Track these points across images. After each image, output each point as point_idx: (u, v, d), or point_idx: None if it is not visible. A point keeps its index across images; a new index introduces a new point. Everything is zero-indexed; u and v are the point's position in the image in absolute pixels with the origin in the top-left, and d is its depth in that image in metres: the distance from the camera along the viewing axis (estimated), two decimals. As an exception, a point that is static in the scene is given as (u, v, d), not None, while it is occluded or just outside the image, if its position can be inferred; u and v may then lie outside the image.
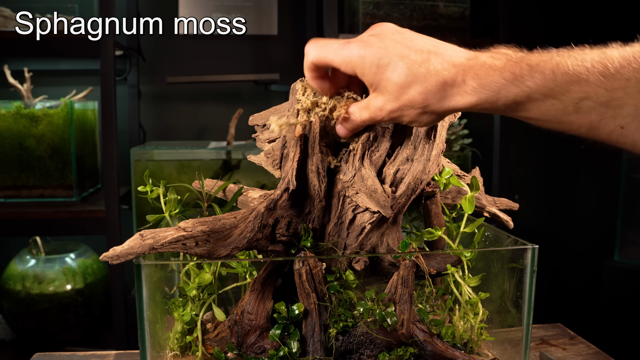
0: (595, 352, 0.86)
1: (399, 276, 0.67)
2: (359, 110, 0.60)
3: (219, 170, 1.84)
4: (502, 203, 0.85)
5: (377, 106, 0.57)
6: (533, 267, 0.68)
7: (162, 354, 0.71)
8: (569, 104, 0.50)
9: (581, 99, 0.49)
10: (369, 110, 0.59)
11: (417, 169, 0.68)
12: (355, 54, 0.56)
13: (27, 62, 1.96)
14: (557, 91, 0.50)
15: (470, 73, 0.53)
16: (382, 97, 0.57)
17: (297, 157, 0.65)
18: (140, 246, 0.58)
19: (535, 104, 0.51)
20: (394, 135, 0.70)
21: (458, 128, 2.07)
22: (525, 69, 0.51)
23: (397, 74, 0.54)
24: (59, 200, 1.76)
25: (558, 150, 2.40)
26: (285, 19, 2.22)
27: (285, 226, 0.67)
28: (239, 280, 0.75)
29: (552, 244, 2.38)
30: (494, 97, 0.52)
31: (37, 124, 1.72)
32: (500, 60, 0.52)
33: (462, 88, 0.53)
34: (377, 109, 0.58)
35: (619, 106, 0.48)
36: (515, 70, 0.51)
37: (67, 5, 1.79)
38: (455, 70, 0.53)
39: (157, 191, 0.78)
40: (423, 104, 0.55)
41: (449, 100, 0.54)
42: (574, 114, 0.50)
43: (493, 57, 0.53)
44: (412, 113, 0.56)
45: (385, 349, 0.68)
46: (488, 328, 0.76)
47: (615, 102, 0.48)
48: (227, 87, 2.20)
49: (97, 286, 1.93)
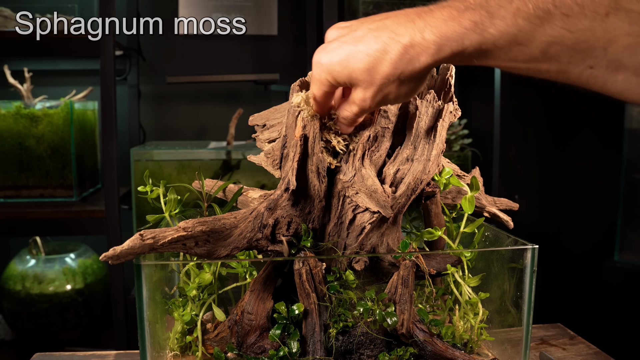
0: (595, 352, 0.86)
1: (399, 276, 0.67)
2: (349, 104, 0.62)
3: (219, 170, 1.84)
4: (502, 203, 0.85)
5: (359, 97, 0.59)
6: (533, 267, 0.68)
7: (162, 354, 0.71)
8: (535, 49, 0.49)
9: (547, 43, 0.48)
10: (355, 103, 0.60)
11: (417, 169, 0.68)
12: (320, 68, 0.59)
13: (27, 62, 1.96)
14: (522, 37, 0.49)
15: (427, 28, 0.52)
16: (360, 88, 0.58)
17: (297, 157, 0.65)
18: (140, 246, 0.58)
19: (502, 51, 0.50)
20: (394, 135, 0.70)
21: (458, 128, 2.07)
22: (485, 15, 0.50)
23: (359, 60, 0.55)
24: (59, 200, 1.76)
25: (558, 150, 2.40)
26: (285, 19, 2.22)
27: (285, 226, 0.67)
28: (239, 280, 0.75)
29: (552, 244, 2.38)
30: (459, 47, 0.51)
31: (37, 124, 1.72)
32: (458, 9, 0.51)
33: (424, 44, 0.53)
34: (361, 100, 0.59)
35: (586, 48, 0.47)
36: (475, 18, 0.50)
37: (67, 5, 1.79)
38: (411, 30, 0.53)
39: (157, 191, 0.78)
40: (396, 74, 0.55)
41: (416, 60, 0.54)
42: (542, 59, 0.49)
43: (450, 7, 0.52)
44: (393, 88, 0.57)
45: (385, 349, 0.68)
46: (488, 328, 0.76)
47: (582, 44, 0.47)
48: (227, 87, 2.20)
49: (97, 286, 1.93)
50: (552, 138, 2.40)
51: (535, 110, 2.38)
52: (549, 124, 2.39)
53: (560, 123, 2.39)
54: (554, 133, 2.40)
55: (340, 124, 0.66)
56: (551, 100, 2.37)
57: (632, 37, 0.45)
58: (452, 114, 0.71)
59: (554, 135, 2.40)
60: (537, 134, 2.40)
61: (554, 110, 2.38)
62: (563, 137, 2.39)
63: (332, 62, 0.57)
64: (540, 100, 2.38)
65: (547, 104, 2.38)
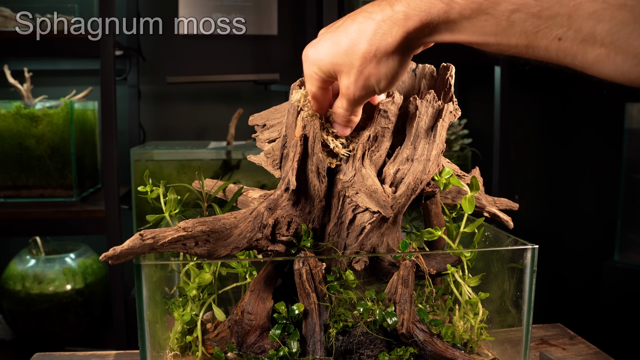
0: (595, 352, 0.86)
1: (399, 276, 0.67)
2: (339, 101, 0.63)
3: (219, 170, 1.84)
4: (502, 203, 0.85)
5: (344, 85, 0.60)
6: (533, 267, 0.68)
7: (162, 354, 0.71)
8: (501, 18, 0.49)
9: (511, 11, 0.48)
10: (342, 94, 0.61)
11: (417, 169, 0.68)
12: (309, 63, 0.61)
13: (27, 62, 1.96)
14: (487, 5, 0.49)
15: (397, 2, 0.54)
16: (344, 75, 0.59)
17: (297, 157, 0.65)
18: (140, 246, 0.58)
19: (469, 22, 0.51)
20: (394, 135, 0.70)
21: (458, 128, 2.07)
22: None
23: (339, 44, 0.57)
24: (59, 200, 1.76)
25: (558, 150, 2.40)
26: (285, 19, 2.22)
27: (285, 226, 0.67)
28: (239, 280, 0.75)
29: (552, 244, 2.38)
30: (427, 17, 0.52)
31: (37, 124, 1.72)
32: None
33: (394, 17, 0.54)
34: (346, 87, 0.60)
35: (551, 16, 0.46)
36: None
37: (67, 5, 1.79)
38: (383, 6, 0.55)
39: (157, 191, 0.78)
40: (372, 50, 0.56)
41: (389, 34, 0.55)
42: (508, 28, 0.49)
43: None
44: (372, 69, 0.57)
45: (385, 349, 0.68)
46: (488, 328, 0.76)
47: (547, 11, 0.46)
48: (227, 87, 2.20)
49: (97, 286, 1.93)
50: (552, 138, 2.40)
51: (535, 110, 2.38)
52: (549, 124, 2.39)
53: (560, 123, 2.39)
54: (554, 133, 2.40)
55: (337, 125, 0.66)
56: (551, 100, 2.37)
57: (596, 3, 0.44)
58: (452, 114, 0.71)
59: (554, 135, 2.40)
60: (537, 134, 2.40)
61: (554, 110, 2.38)
62: (563, 137, 2.39)
63: (318, 53, 0.59)
64: (540, 100, 2.38)
65: (547, 104, 2.38)
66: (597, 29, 0.44)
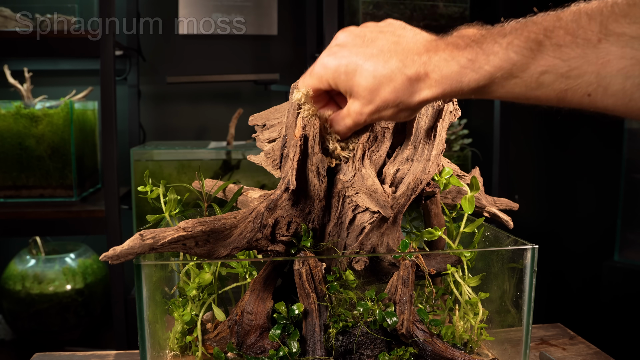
0: (595, 352, 0.86)
1: (399, 276, 0.67)
2: (342, 118, 0.63)
3: (219, 170, 1.84)
4: (502, 203, 0.85)
5: (356, 111, 0.60)
6: (533, 267, 0.68)
7: (162, 354, 0.71)
8: (530, 81, 0.50)
9: (541, 73, 0.49)
10: (351, 116, 0.62)
11: (417, 169, 0.68)
12: (324, 69, 0.60)
13: (27, 62, 1.96)
14: (516, 70, 0.50)
15: (430, 65, 0.54)
16: (359, 102, 0.59)
17: (297, 157, 0.65)
18: (140, 246, 0.58)
19: (499, 85, 0.52)
20: (394, 135, 0.70)
21: (458, 128, 2.06)
22: (480, 52, 0.51)
23: (364, 78, 0.57)
24: (59, 200, 1.76)
25: (558, 150, 2.40)
26: (285, 19, 2.22)
27: (285, 226, 0.67)
28: (239, 280, 0.75)
29: (552, 244, 2.38)
30: (458, 85, 0.53)
31: (37, 124, 1.72)
32: (458, 47, 0.53)
33: (427, 82, 0.55)
34: (357, 113, 0.60)
35: (579, 75, 0.47)
36: (472, 56, 0.52)
37: (67, 5, 1.79)
38: (417, 64, 0.55)
39: (157, 191, 0.78)
40: (396, 102, 0.57)
41: (418, 94, 0.56)
42: (538, 89, 0.50)
43: (452, 45, 0.54)
44: (389, 111, 0.59)
45: (385, 349, 0.68)
46: (488, 328, 0.76)
47: (575, 71, 0.47)
48: (227, 87, 2.20)
49: (97, 286, 1.93)
50: (552, 138, 2.40)
51: (535, 110, 2.38)
52: (549, 124, 2.39)
53: (560, 123, 2.39)
54: (554, 133, 2.39)
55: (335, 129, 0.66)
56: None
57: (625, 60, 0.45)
58: (452, 114, 0.71)
59: (554, 135, 2.40)
60: (537, 134, 2.40)
61: (553, 110, 2.38)
62: (563, 137, 2.39)
63: (339, 69, 0.59)
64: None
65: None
66: (626, 84, 0.46)
